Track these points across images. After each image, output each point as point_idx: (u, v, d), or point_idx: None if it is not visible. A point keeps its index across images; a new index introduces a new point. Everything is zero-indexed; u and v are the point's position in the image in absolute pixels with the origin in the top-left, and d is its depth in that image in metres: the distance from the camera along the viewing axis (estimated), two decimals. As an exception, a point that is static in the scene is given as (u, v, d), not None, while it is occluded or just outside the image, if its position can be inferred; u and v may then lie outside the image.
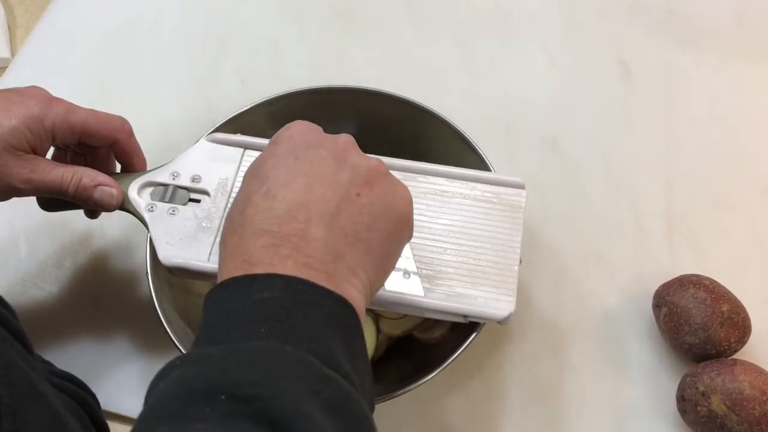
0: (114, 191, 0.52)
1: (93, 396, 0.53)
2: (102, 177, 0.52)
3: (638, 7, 0.78)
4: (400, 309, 0.50)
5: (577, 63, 0.75)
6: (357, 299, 0.37)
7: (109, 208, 0.52)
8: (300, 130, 0.41)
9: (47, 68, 0.78)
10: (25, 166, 0.49)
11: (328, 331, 0.35)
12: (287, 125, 0.43)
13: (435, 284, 0.49)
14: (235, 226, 0.38)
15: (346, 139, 0.42)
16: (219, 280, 0.37)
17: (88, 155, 0.55)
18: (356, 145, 0.42)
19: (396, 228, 0.41)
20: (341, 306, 0.36)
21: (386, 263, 0.41)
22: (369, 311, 0.57)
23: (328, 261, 0.36)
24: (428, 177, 0.53)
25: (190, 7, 0.81)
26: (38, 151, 0.51)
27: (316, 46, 0.78)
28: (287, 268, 0.35)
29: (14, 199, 0.51)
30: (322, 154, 0.40)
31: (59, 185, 0.51)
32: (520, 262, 0.51)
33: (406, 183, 0.52)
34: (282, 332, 0.33)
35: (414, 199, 0.52)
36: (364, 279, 0.38)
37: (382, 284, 0.41)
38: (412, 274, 0.50)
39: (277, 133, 0.42)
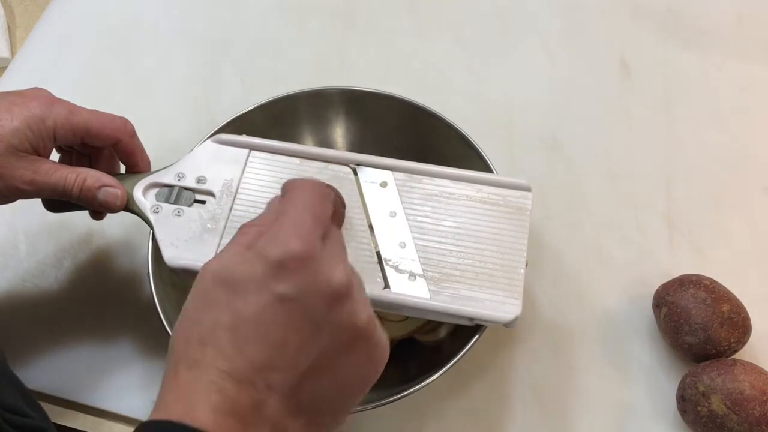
0: (118, 192, 0.52)
1: None
2: (106, 178, 0.52)
3: (638, 7, 0.78)
4: (406, 311, 0.50)
5: (577, 63, 0.75)
6: None
7: (114, 209, 0.52)
8: (296, 255, 0.34)
9: (47, 68, 0.78)
10: (27, 167, 0.49)
11: None
12: (282, 220, 0.35)
13: (441, 287, 0.49)
14: (190, 358, 0.34)
15: (344, 282, 0.35)
16: (157, 410, 0.33)
17: (92, 157, 0.55)
18: (355, 287, 0.36)
19: (358, 394, 0.37)
20: None
21: (331, 428, 0.37)
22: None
23: None
24: (434, 179, 0.53)
25: (189, 7, 0.81)
26: (41, 152, 0.51)
27: (316, 46, 0.78)
28: None
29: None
30: (311, 303, 0.34)
31: (63, 187, 0.51)
32: (526, 264, 0.51)
33: (411, 185, 0.53)
34: None
35: (420, 201, 0.52)
36: None
37: None
38: (417, 277, 0.50)
39: (276, 233, 0.35)
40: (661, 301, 0.58)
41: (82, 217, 0.57)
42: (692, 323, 0.55)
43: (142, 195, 0.53)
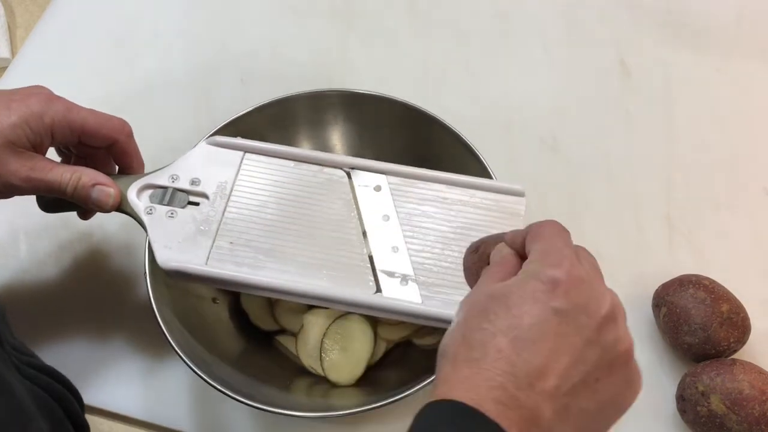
0: (111, 191, 0.52)
1: (74, 392, 0.52)
2: (101, 177, 0.52)
3: (638, 8, 0.78)
4: (397, 316, 0.49)
5: (577, 63, 0.75)
6: None
7: (106, 209, 0.52)
8: (569, 275, 0.37)
9: (47, 68, 0.78)
10: (24, 164, 0.49)
11: None
12: (545, 250, 0.38)
13: (433, 291, 0.49)
14: (472, 357, 0.36)
15: (612, 307, 0.37)
16: (447, 395, 0.35)
17: (89, 158, 0.55)
18: (620, 314, 0.38)
19: (611, 420, 0.38)
20: None
21: None
22: (367, 317, 0.57)
23: None
24: (429, 183, 0.53)
25: (190, 7, 0.81)
26: (38, 149, 0.51)
27: (315, 46, 0.78)
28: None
29: (14, 198, 0.52)
30: (583, 321, 0.36)
31: (58, 184, 0.50)
32: None
33: (405, 189, 0.53)
34: None
35: (413, 206, 0.52)
36: None
37: None
38: (410, 281, 0.49)
39: (542, 260, 0.38)
40: (661, 301, 0.58)
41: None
42: (692, 323, 0.55)
43: (136, 196, 0.53)
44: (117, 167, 0.56)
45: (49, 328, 0.62)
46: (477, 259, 0.43)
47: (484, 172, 0.57)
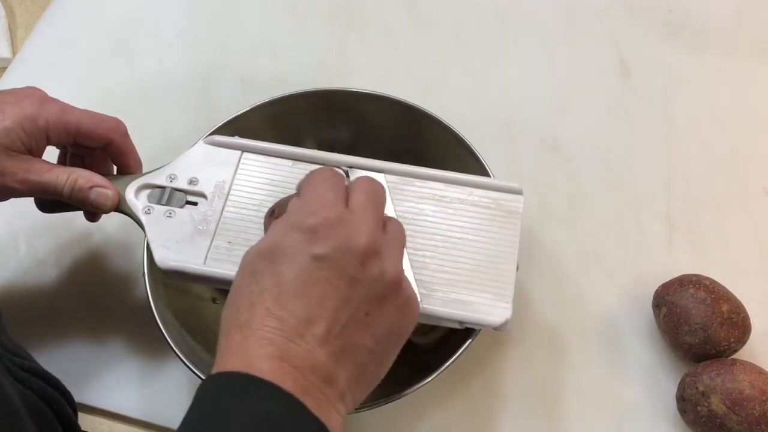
0: (109, 192, 0.52)
1: (67, 396, 0.52)
2: (97, 178, 0.52)
3: (638, 7, 0.78)
4: None
5: (577, 63, 0.75)
6: (338, 426, 0.37)
7: (104, 210, 0.52)
8: (325, 220, 0.38)
9: (47, 68, 0.78)
10: (20, 166, 0.49)
11: None
12: (308, 199, 0.40)
13: (431, 290, 0.49)
14: (241, 321, 0.37)
15: (370, 241, 0.38)
16: (220, 368, 0.36)
17: (86, 158, 0.55)
18: (384, 246, 0.39)
19: (394, 348, 0.40)
20: None
21: (374, 382, 0.40)
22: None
23: (323, 387, 0.36)
24: (426, 182, 0.53)
25: (190, 7, 0.81)
26: (33, 152, 0.51)
27: (315, 46, 0.78)
28: (287, 386, 0.35)
29: (14, 199, 0.52)
30: (345, 261, 0.37)
31: (54, 186, 0.50)
32: (517, 268, 0.51)
33: (403, 187, 0.53)
34: None
35: (411, 204, 0.52)
36: (350, 403, 0.38)
37: (363, 399, 0.40)
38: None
39: (297, 209, 0.39)
40: (661, 301, 0.58)
41: (82, 216, 0.57)
42: (692, 323, 0.55)
43: (134, 196, 0.53)
44: (115, 167, 0.56)
45: (48, 327, 0.62)
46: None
47: (482, 172, 0.57)
